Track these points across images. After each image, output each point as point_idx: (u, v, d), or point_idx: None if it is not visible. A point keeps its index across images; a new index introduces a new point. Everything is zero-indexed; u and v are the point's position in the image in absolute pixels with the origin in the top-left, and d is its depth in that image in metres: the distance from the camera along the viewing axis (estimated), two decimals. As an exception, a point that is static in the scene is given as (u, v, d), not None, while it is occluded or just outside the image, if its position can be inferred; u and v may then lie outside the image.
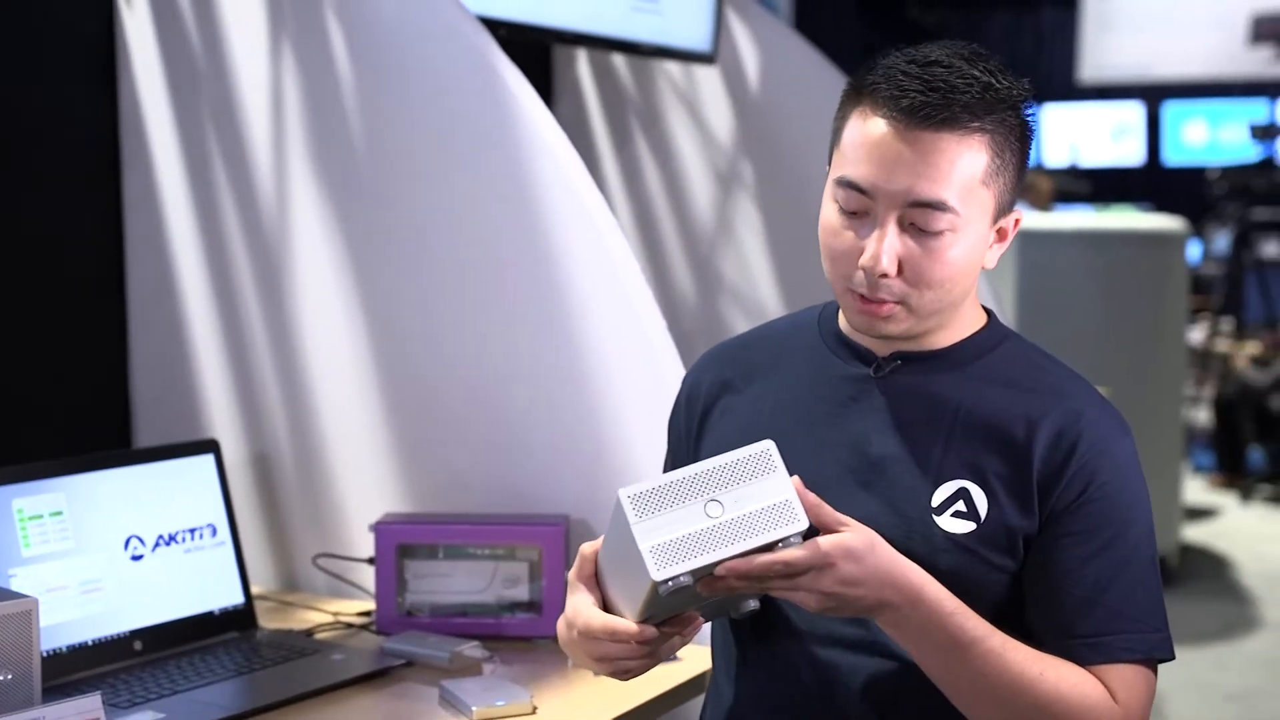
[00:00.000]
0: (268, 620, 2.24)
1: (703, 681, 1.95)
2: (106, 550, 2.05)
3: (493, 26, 2.38)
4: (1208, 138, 11.32)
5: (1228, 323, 8.47)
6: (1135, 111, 11.54)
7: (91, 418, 2.55)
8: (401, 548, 2.18)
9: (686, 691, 1.97)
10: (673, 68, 3.49)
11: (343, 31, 2.30)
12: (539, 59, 3.39)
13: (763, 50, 3.46)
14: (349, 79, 2.31)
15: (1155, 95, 11.15)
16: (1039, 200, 8.22)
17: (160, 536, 2.12)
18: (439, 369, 2.30)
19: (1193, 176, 10.18)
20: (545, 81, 3.44)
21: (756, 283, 3.51)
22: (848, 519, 1.39)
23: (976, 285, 1.55)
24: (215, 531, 2.19)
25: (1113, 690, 1.43)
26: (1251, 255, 8.60)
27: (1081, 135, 11.61)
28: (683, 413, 1.69)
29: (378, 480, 2.36)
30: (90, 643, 2.00)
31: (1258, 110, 10.39)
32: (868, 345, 1.55)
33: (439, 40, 2.24)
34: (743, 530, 1.34)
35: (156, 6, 2.46)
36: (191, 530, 2.16)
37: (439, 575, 2.18)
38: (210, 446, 2.22)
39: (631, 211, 3.55)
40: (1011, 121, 1.47)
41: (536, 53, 3.34)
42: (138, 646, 2.05)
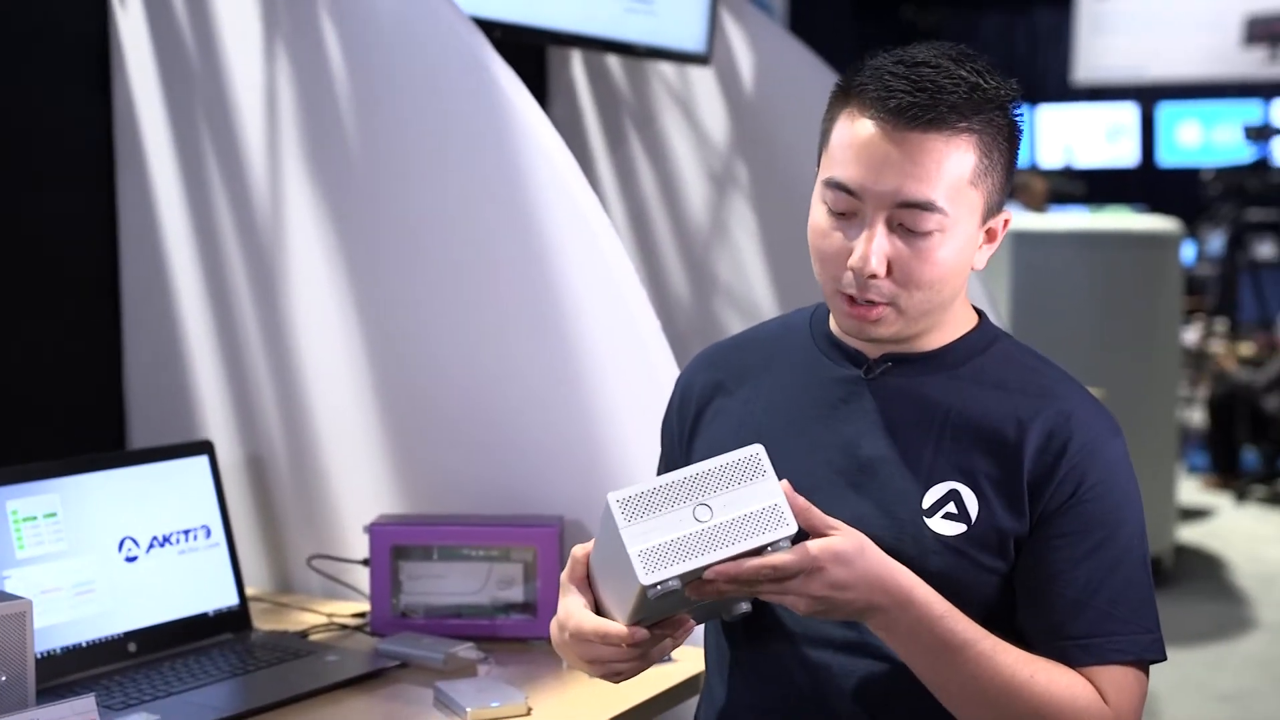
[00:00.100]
0: (262, 622, 2.24)
1: (697, 683, 1.94)
2: (101, 552, 2.05)
3: (487, 27, 2.38)
4: (1202, 139, 11.33)
5: (1222, 323, 8.49)
6: (1129, 112, 11.55)
7: (86, 419, 2.55)
8: (396, 549, 2.18)
9: (681, 693, 1.97)
10: (667, 69, 3.49)
11: (337, 32, 2.30)
12: (533, 60, 3.39)
13: (757, 51, 3.46)
14: (343, 79, 2.30)
15: (1149, 96, 11.16)
16: (1033, 201, 8.23)
17: (155, 538, 2.11)
18: (433, 370, 2.30)
19: (1187, 177, 10.20)
20: (540, 82, 3.44)
21: (751, 283, 3.51)
22: (837, 522, 1.39)
23: (966, 286, 1.55)
24: (209, 533, 2.19)
25: (1104, 692, 1.43)
26: (1245, 256, 8.62)
27: (1076, 136, 11.62)
28: (675, 415, 1.69)
29: (372, 481, 2.35)
30: (84, 644, 2.00)
31: (1251, 111, 10.40)
32: (858, 347, 1.55)
33: (433, 41, 2.24)
34: (731, 534, 1.34)
35: (150, 7, 2.46)
36: (186, 532, 2.16)
37: (433, 576, 2.18)
38: (205, 448, 2.22)
39: (626, 212, 3.55)
40: (999, 122, 1.47)
41: (531, 54, 3.34)
42: (132, 648, 2.05)
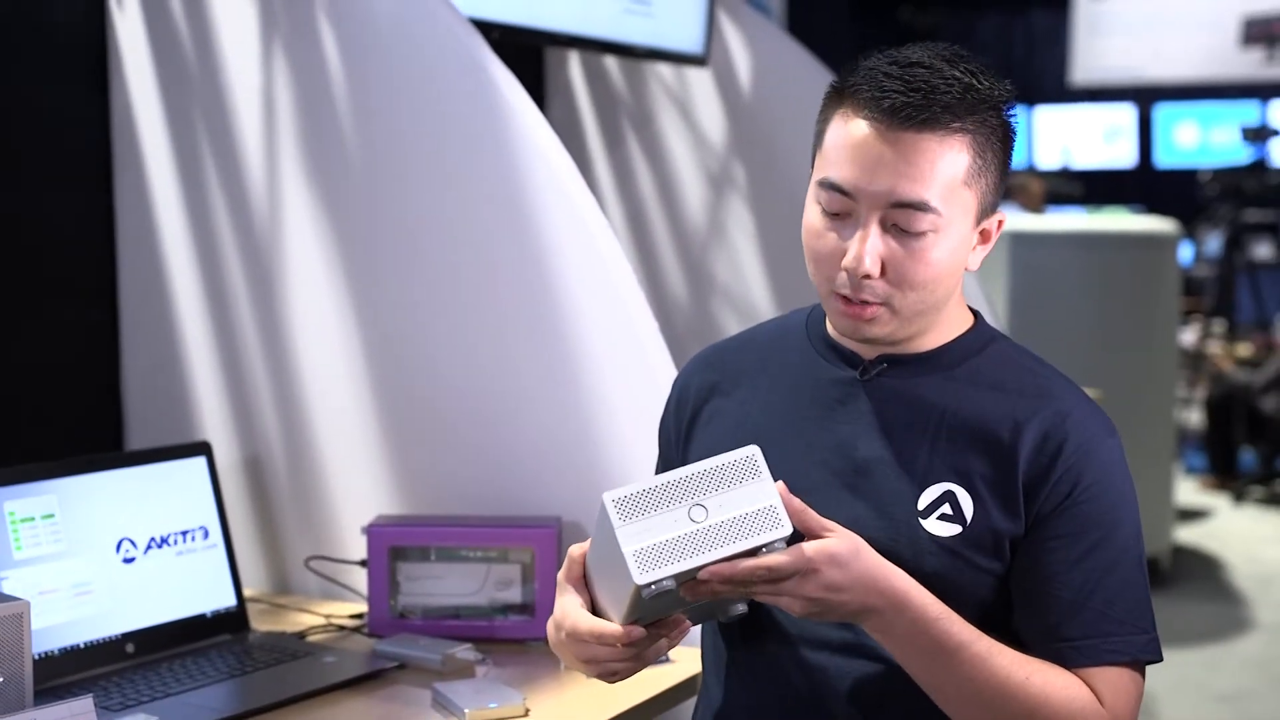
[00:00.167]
0: (260, 623, 2.24)
1: (695, 684, 1.94)
2: (98, 552, 2.05)
3: (485, 29, 2.38)
4: (1199, 140, 11.33)
5: (1219, 324, 8.49)
6: (1127, 113, 11.55)
7: (83, 420, 2.55)
8: (394, 550, 2.18)
9: (679, 694, 1.97)
10: (665, 70, 3.49)
11: (334, 33, 2.30)
12: (531, 61, 3.39)
13: (755, 52, 3.46)
14: (340, 80, 2.30)
15: (1147, 97, 11.17)
16: (1031, 202, 8.23)
17: (152, 539, 2.11)
18: (431, 371, 2.30)
19: (1184, 178, 10.21)
20: (537, 83, 3.44)
21: (749, 285, 3.51)
22: (833, 524, 1.39)
23: (961, 287, 1.55)
24: (207, 534, 2.19)
25: (1099, 693, 1.43)
26: (1243, 257, 8.63)
27: (1073, 137, 11.63)
28: (672, 416, 1.69)
29: (370, 482, 2.35)
30: (82, 645, 2.00)
31: (1249, 112, 10.40)
32: (854, 348, 1.55)
33: (431, 42, 2.24)
34: (726, 535, 1.35)
35: (148, 8, 2.46)
36: (183, 533, 2.16)
37: (431, 577, 2.18)
38: (202, 449, 2.22)
39: (624, 213, 3.55)
40: (993, 122, 1.47)
41: (528, 55, 3.35)
42: (130, 649, 2.05)
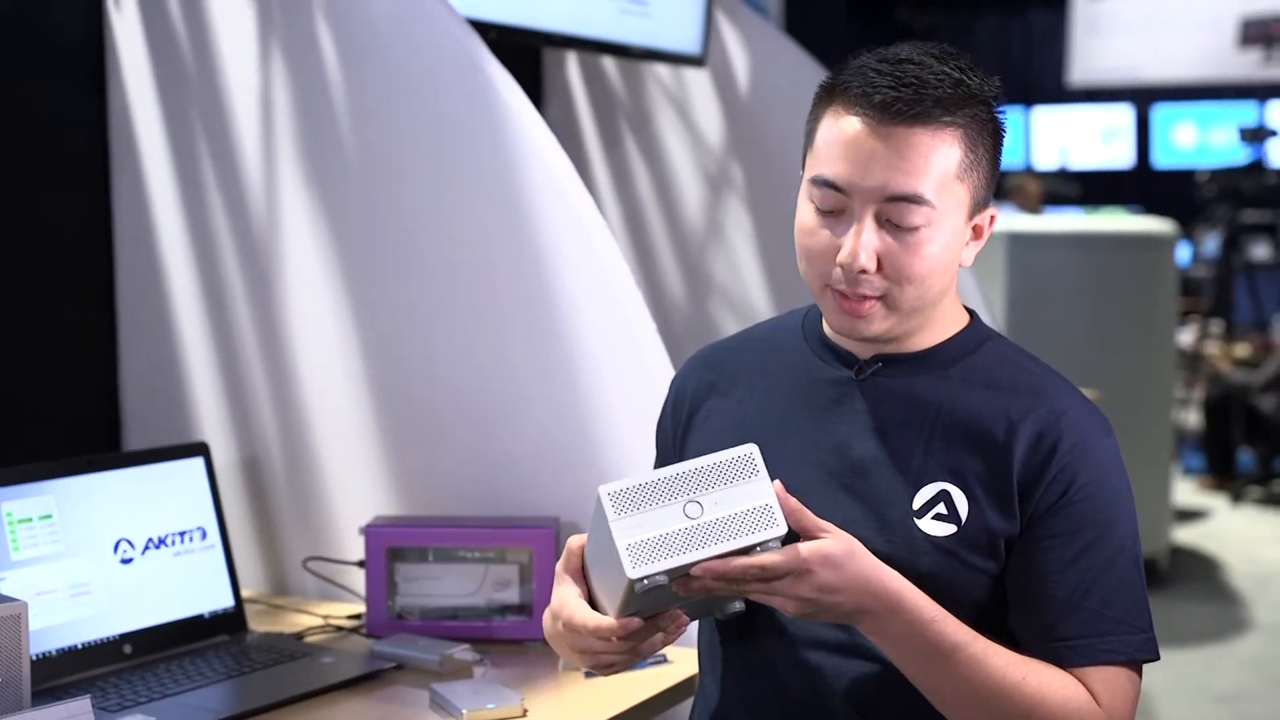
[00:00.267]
0: (258, 623, 2.24)
1: (692, 684, 1.94)
2: (96, 553, 2.05)
3: (482, 29, 2.38)
4: (1197, 140, 11.34)
5: (1217, 325, 8.49)
6: (1125, 114, 11.56)
7: (81, 420, 2.54)
8: (391, 551, 2.18)
9: (676, 694, 1.97)
10: (662, 70, 3.49)
11: (332, 34, 2.30)
12: (528, 61, 3.39)
13: (752, 53, 3.46)
14: (338, 81, 2.30)
15: (1145, 98, 11.17)
16: (1028, 203, 8.24)
17: (150, 540, 2.11)
18: (429, 372, 2.30)
19: (1182, 179, 10.21)
20: (535, 84, 3.44)
21: (747, 285, 3.51)
22: (828, 525, 1.39)
23: (956, 285, 1.55)
24: (205, 534, 2.19)
25: (1096, 692, 1.43)
26: (1240, 258, 8.63)
27: (1071, 138, 11.63)
28: (669, 416, 1.69)
29: (368, 483, 2.35)
30: (80, 646, 2.00)
31: (1246, 113, 10.41)
32: (850, 348, 1.55)
33: (428, 43, 2.24)
34: (721, 532, 1.35)
35: (145, 8, 2.46)
36: (181, 533, 2.16)
37: (429, 578, 2.18)
38: (200, 449, 2.22)
39: (621, 214, 3.55)
40: (983, 117, 1.47)
41: (526, 55, 3.34)
42: (127, 650, 2.05)
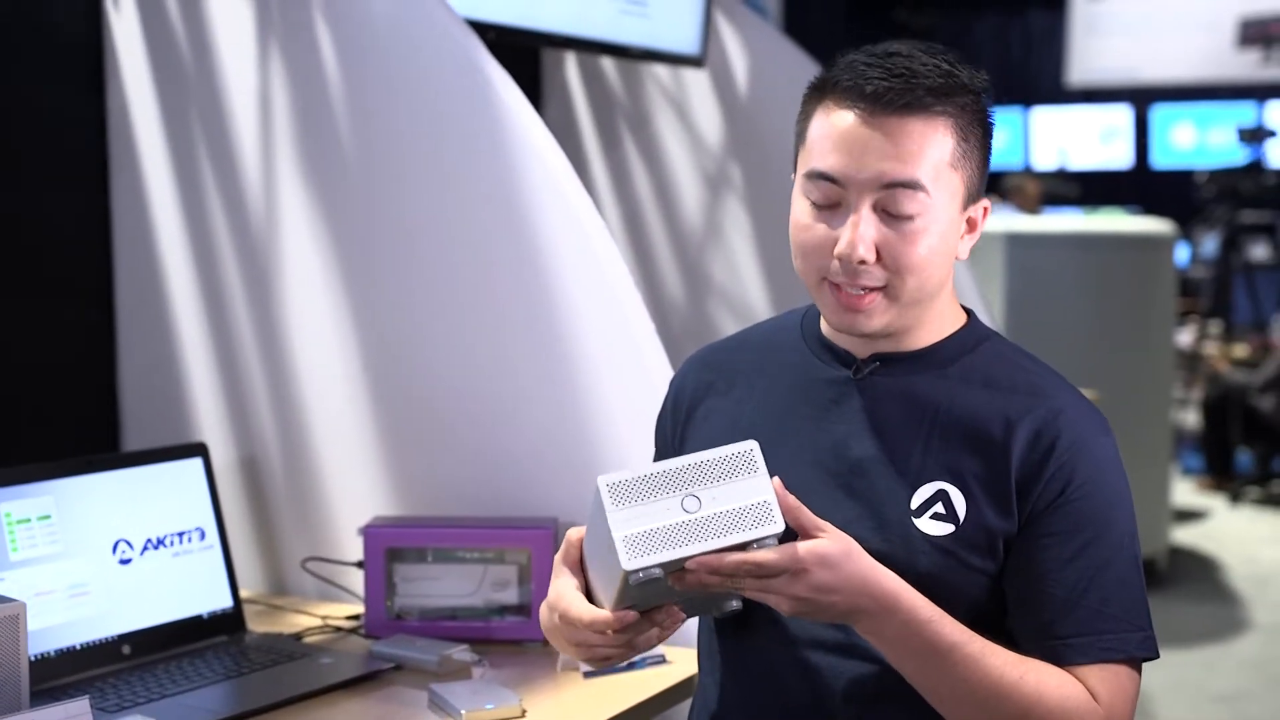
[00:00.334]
0: (256, 624, 2.24)
1: (690, 685, 1.94)
2: (95, 554, 2.05)
3: (481, 29, 2.38)
4: (1196, 141, 11.34)
5: (1216, 325, 8.49)
6: (1123, 114, 11.56)
7: (80, 421, 2.54)
8: (390, 551, 2.18)
9: (674, 695, 1.97)
10: (661, 71, 3.49)
11: (331, 34, 2.30)
12: (527, 62, 3.39)
13: (751, 53, 3.46)
14: (337, 81, 2.30)
15: (1143, 98, 11.17)
16: (1027, 203, 8.24)
17: (149, 540, 2.11)
18: (428, 372, 2.30)
19: (1181, 179, 10.21)
20: (534, 84, 3.44)
21: (745, 285, 3.51)
22: (826, 524, 1.39)
23: (952, 282, 1.55)
24: (204, 535, 2.19)
25: (1095, 691, 1.43)
26: (1239, 258, 8.63)
27: (1070, 138, 11.63)
28: (668, 415, 1.69)
29: (366, 484, 2.35)
30: (78, 647, 2.00)
31: (1245, 113, 10.40)
32: (848, 347, 1.55)
33: (427, 43, 2.24)
34: (717, 528, 1.35)
35: (144, 8, 2.46)
36: (180, 534, 2.16)
37: (428, 579, 2.17)
38: (198, 450, 2.22)
39: (620, 214, 3.55)
40: (973, 107, 1.49)
41: (525, 56, 3.35)
42: (126, 650, 2.05)
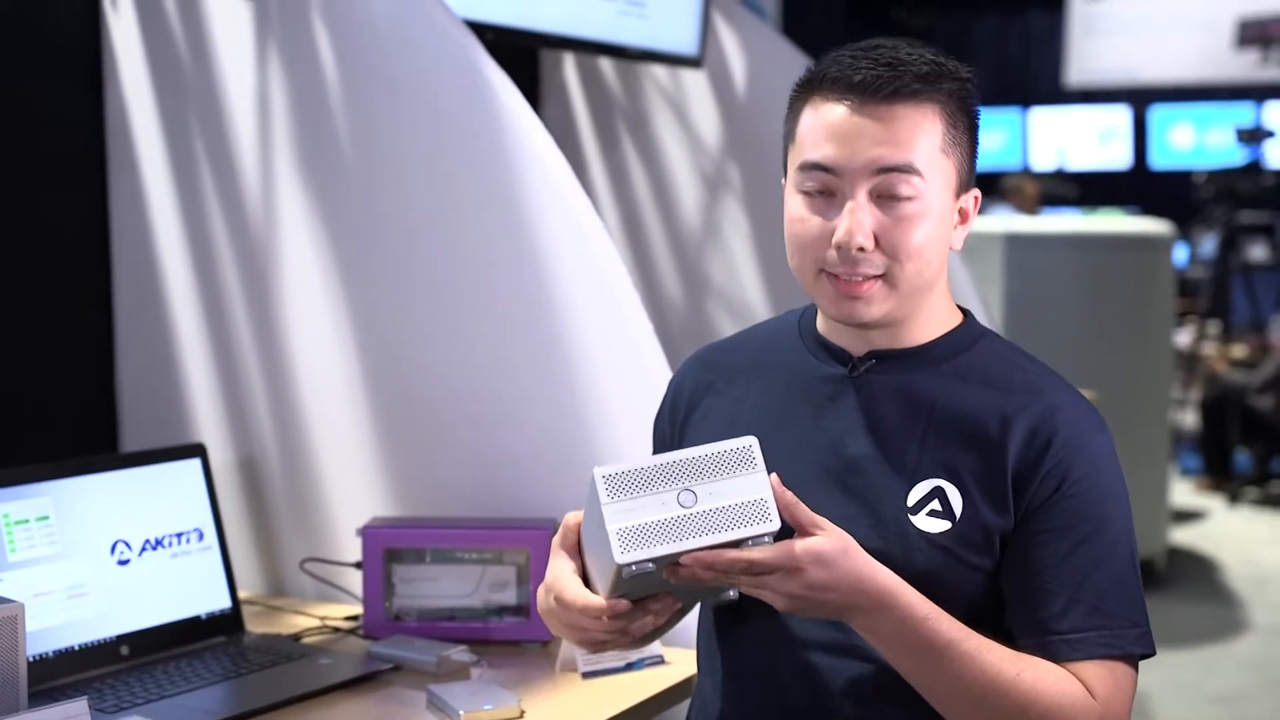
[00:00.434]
0: (255, 625, 2.24)
1: (689, 686, 1.94)
2: (93, 555, 2.05)
3: (479, 30, 2.38)
4: (1194, 141, 11.34)
5: (1214, 326, 8.49)
6: (1122, 115, 11.56)
7: (78, 422, 2.54)
8: (388, 552, 2.18)
9: (673, 696, 1.97)
10: (660, 71, 3.49)
11: (329, 35, 2.30)
12: (526, 62, 3.39)
13: (750, 54, 3.46)
14: (335, 82, 2.30)
15: (1142, 99, 11.18)
16: (1025, 203, 8.25)
17: (147, 541, 2.11)
18: (426, 373, 2.30)
19: (1179, 180, 10.21)
20: (532, 85, 3.44)
21: (744, 286, 3.51)
22: (823, 521, 1.39)
23: (948, 280, 1.56)
24: (202, 536, 2.18)
25: (1092, 687, 1.43)
26: (1238, 258, 8.64)
27: (1068, 138, 11.64)
28: (666, 416, 1.69)
29: (365, 484, 2.35)
30: (77, 648, 2.00)
31: (1244, 114, 10.41)
32: (844, 344, 1.56)
33: (426, 44, 2.24)
34: (713, 524, 1.35)
35: (142, 9, 2.46)
36: (178, 535, 2.16)
37: (426, 579, 2.17)
38: (197, 451, 2.22)
39: (619, 215, 3.55)
40: (959, 94, 1.50)
41: (523, 56, 3.35)
42: (124, 651, 2.05)
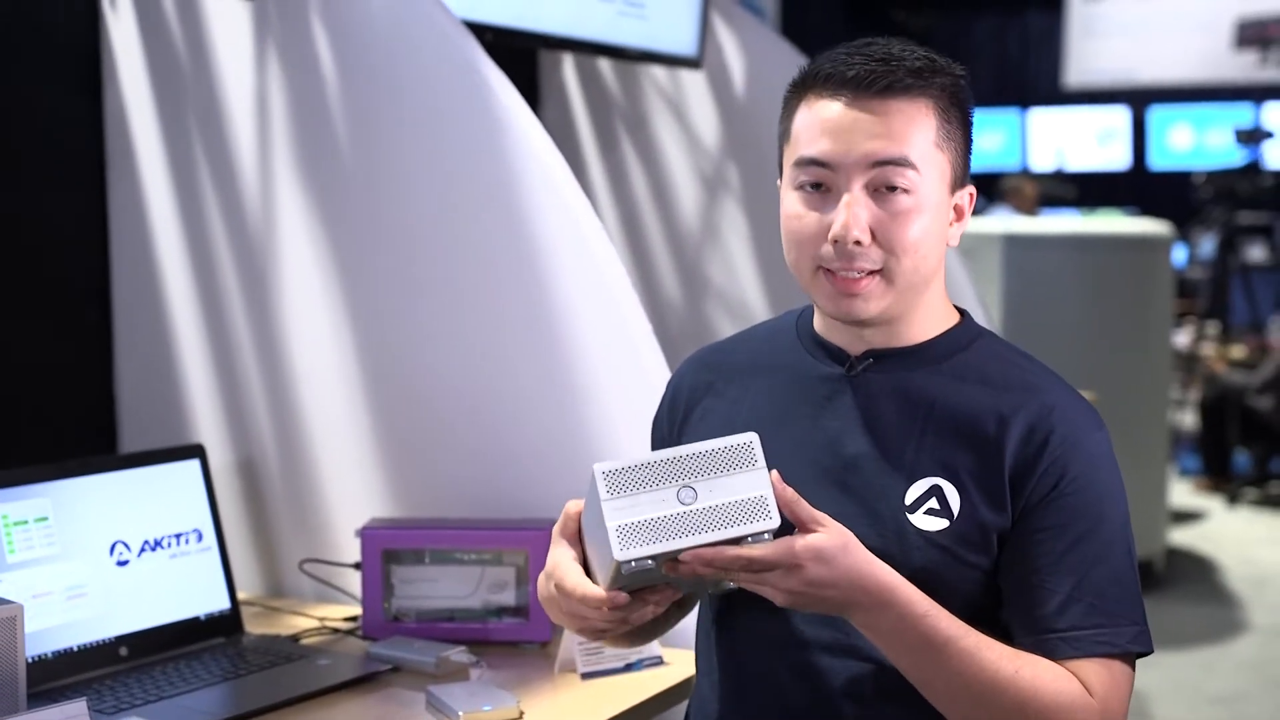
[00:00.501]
0: (254, 626, 2.24)
1: (688, 687, 1.94)
2: (92, 556, 2.04)
3: (479, 31, 2.38)
4: (1193, 142, 11.34)
5: (1213, 326, 8.50)
6: (1121, 116, 11.56)
7: (77, 423, 2.54)
8: (387, 553, 2.18)
9: (672, 697, 1.97)
10: (659, 72, 3.49)
11: (328, 36, 2.30)
12: (525, 63, 3.39)
13: (748, 55, 3.46)
14: (334, 83, 2.30)
15: (1141, 99, 11.17)
16: (1025, 204, 8.25)
17: (146, 542, 2.11)
18: (425, 373, 2.30)
19: (1178, 180, 10.21)
20: (531, 86, 3.44)
21: (743, 286, 3.51)
22: (823, 518, 1.39)
23: (945, 280, 1.56)
24: (201, 537, 2.18)
25: (1090, 685, 1.43)
26: (1237, 259, 8.64)
27: (1067, 139, 11.64)
28: (665, 416, 1.70)
29: (364, 485, 2.35)
30: (76, 648, 2.00)
31: (1243, 114, 10.41)
32: (841, 344, 1.56)
33: (425, 44, 2.24)
34: (712, 521, 1.35)
35: (141, 9, 2.46)
36: (177, 535, 2.16)
37: (425, 580, 2.17)
38: (196, 451, 2.22)
39: (618, 216, 3.55)
40: (952, 89, 1.51)
41: (522, 57, 3.35)
42: (123, 652, 2.05)
